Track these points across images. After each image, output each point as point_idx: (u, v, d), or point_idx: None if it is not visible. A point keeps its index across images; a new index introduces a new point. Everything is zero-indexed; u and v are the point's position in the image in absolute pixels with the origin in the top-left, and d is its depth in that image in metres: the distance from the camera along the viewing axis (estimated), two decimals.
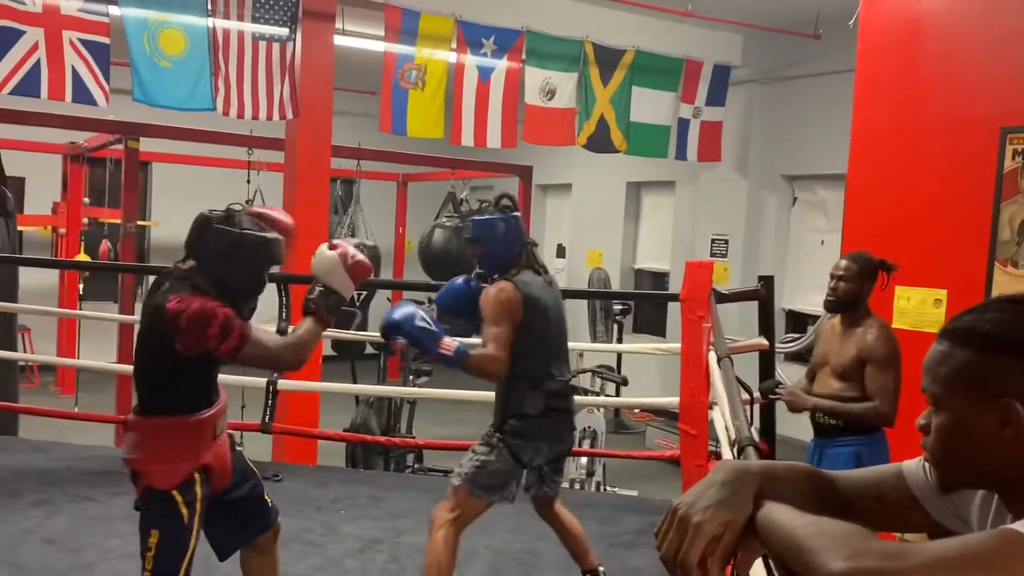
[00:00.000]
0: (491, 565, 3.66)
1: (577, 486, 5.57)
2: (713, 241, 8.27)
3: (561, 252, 10.95)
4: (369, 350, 7.14)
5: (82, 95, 4.92)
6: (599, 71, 6.71)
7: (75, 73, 4.90)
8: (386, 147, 8.34)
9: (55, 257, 9.00)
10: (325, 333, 5.57)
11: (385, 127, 6.11)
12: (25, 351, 8.60)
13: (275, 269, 2.57)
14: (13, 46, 4.69)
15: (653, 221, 9.81)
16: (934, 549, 0.82)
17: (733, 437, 2.38)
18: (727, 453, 3.02)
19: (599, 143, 6.89)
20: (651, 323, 9.52)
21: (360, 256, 2.55)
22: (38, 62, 4.77)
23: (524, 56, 6.37)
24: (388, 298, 10.79)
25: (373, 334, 7.52)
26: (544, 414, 2.97)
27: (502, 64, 6.29)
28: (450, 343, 2.78)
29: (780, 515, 0.95)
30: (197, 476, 2.35)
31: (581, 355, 7.98)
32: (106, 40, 4.98)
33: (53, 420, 5.90)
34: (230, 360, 2.36)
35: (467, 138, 6.24)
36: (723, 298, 4.22)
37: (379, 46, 6.09)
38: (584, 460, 5.57)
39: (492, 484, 2.91)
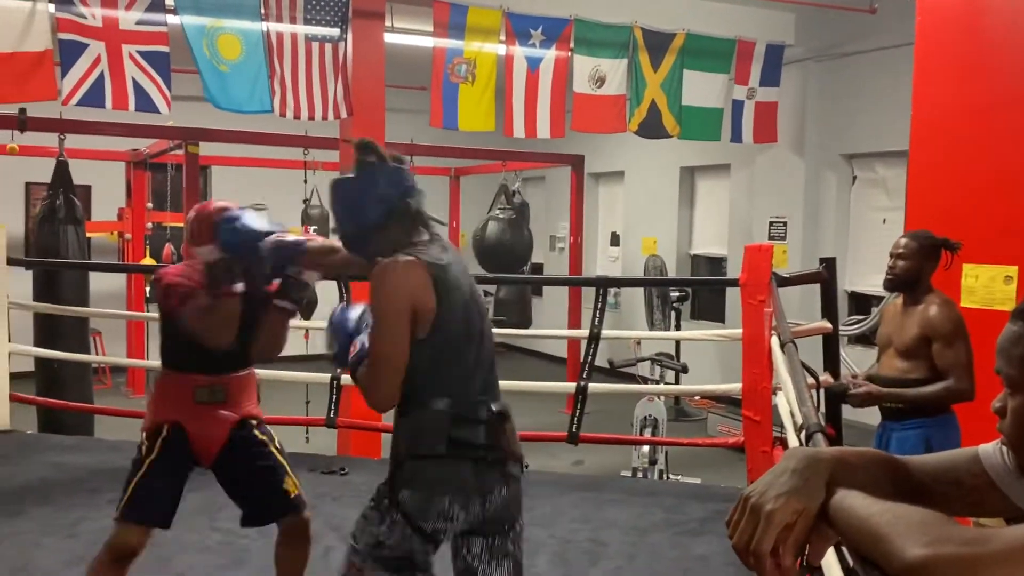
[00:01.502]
0: (557, 555, 3.68)
1: (640, 474, 5.56)
2: (771, 224, 8.14)
3: (615, 240, 10.90)
4: None
5: (144, 104, 5.07)
6: (649, 56, 6.65)
7: (136, 84, 5.05)
8: (438, 142, 8.39)
9: (122, 261, 9.28)
10: None
11: (436, 122, 6.15)
12: (97, 353, 8.90)
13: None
14: (78, 59, 4.85)
15: (708, 205, 9.69)
16: (1016, 534, 0.81)
17: (800, 423, 2.35)
18: (793, 439, 2.98)
19: (651, 129, 6.84)
20: (710, 309, 9.43)
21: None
22: (102, 74, 4.93)
23: (572, 45, 6.35)
24: None
25: None
26: (451, 455, 2.03)
27: (550, 54, 6.28)
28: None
29: (854, 502, 0.94)
30: (166, 429, 2.64)
31: (639, 343, 7.95)
32: (165, 49, 5.11)
33: (126, 419, 6.10)
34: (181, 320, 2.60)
35: (518, 129, 6.25)
36: (784, 281, 4.17)
37: (428, 42, 6.12)
38: (646, 448, 5.55)
39: (395, 564, 2.05)
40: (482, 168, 10.38)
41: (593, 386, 4.66)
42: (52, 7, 4.84)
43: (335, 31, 5.45)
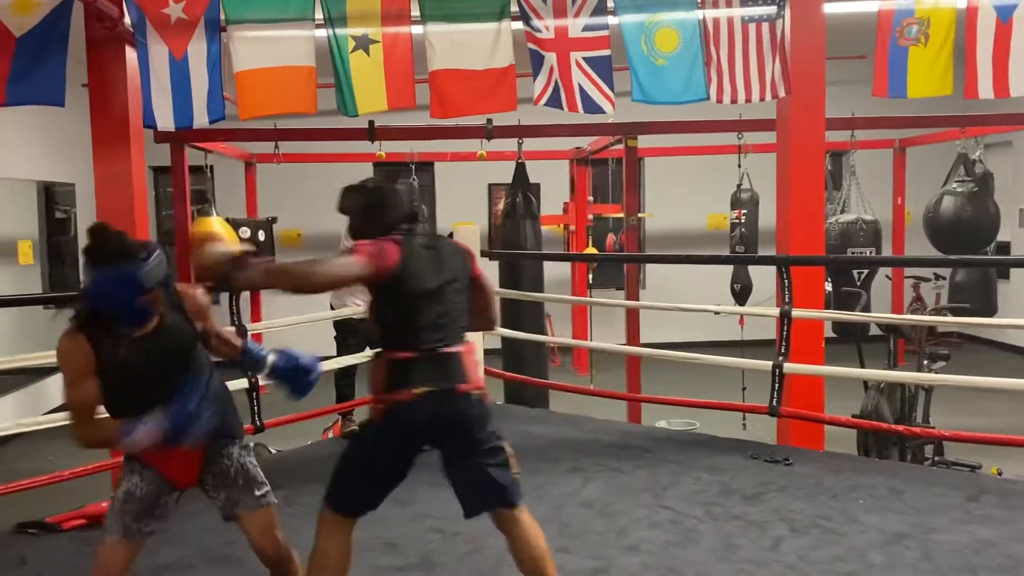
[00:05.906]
0: None
1: None
2: None
3: None
4: (874, 331, 6.70)
5: (591, 107, 5.44)
6: None
7: (582, 90, 5.44)
8: (879, 112, 7.75)
9: (568, 251, 10.11)
10: (826, 314, 5.34)
11: (880, 91, 5.66)
12: (549, 334, 9.83)
13: None
14: (541, 67, 5.38)
15: None
16: None
17: None
18: None
19: None
20: None
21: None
22: (556, 82, 5.41)
23: None
24: (888, 275, 10.03)
25: (878, 315, 7.05)
26: None
27: None
28: None
29: None
30: None
31: None
32: (607, 52, 5.41)
33: (573, 396, 6.64)
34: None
35: (984, 90, 5.47)
36: None
37: (872, 6, 5.66)
38: None
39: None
40: (933, 137, 9.36)
41: None
42: (514, 24, 5.41)
43: (771, 9, 5.28)
